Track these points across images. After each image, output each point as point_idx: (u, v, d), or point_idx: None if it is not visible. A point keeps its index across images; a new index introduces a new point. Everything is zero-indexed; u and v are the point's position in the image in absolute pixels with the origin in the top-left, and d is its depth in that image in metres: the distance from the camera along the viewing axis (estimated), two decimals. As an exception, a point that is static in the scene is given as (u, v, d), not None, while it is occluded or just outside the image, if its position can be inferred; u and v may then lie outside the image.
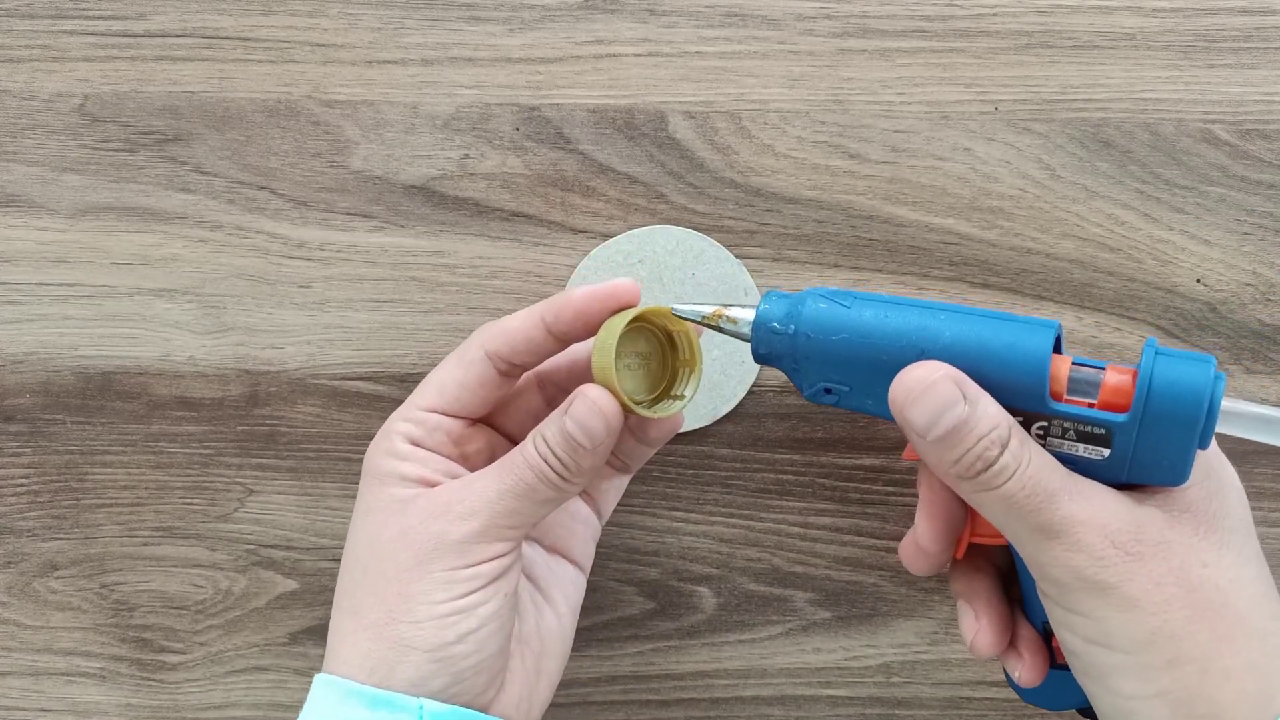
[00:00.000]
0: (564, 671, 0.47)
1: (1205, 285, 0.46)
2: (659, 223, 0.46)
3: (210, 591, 0.48)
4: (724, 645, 0.47)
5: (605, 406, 0.36)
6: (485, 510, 0.37)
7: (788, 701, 0.47)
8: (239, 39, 0.46)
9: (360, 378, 0.47)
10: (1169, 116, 0.45)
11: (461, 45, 0.46)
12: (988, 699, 0.47)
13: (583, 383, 0.37)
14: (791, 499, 0.47)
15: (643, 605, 0.47)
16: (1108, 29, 0.45)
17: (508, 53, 0.46)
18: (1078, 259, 0.46)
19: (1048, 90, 0.45)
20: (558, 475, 0.37)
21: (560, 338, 0.38)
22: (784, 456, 0.47)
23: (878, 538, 0.47)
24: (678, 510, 0.47)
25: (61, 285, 0.47)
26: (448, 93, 0.46)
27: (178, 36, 0.46)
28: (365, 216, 0.46)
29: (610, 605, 0.47)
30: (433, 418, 0.39)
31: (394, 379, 0.47)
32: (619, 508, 0.47)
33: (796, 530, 0.47)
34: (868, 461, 0.46)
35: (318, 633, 0.47)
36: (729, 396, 0.46)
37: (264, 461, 0.47)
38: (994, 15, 0.45)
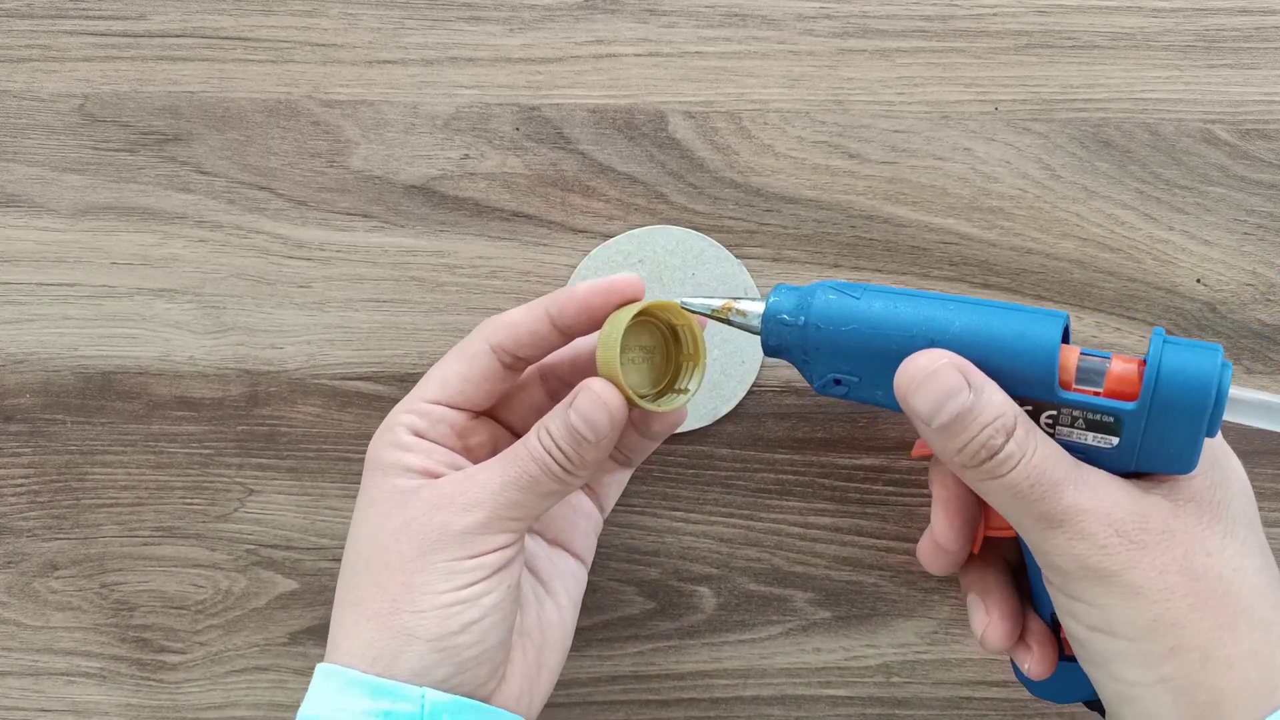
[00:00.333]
0: (564, 671, 0.47)
1: (1205, 285, 0.46)
2: (659, 223, 0.46)
3: (210, 591, 0.48)
4: (724, 645, 0.47)
5: (610, 400, 0.37)
6: (489, 502, 0.37)
7: (788, 701, 0.47)
8: (239, 39, 0.46)
9: (360, 378, 0.47)
10: (1169, 116, 0.45)
11: (461, 45, 0.46)
12: (988, 699, 0.47)
13: (586, 376, 0.37)
14: (791, 499, 0.47)
15: (643, 605, 0.47)
16: (1108, 29, 0.45)
17: (508, 53, 0.46)
18: (1078, 259, 0.46)
19: (1048, 90, 0.45)
20: (561, 468, 0.37)
21: (564, 331, 0.38)
22: (784, 456, 0.47)
23: (878, 538, 0.47)
24: (678, 510, 0.47)
25: (61, 285, 0.47)
26: (448, 93, 0.46)
27: (178, 36, 0.46)
28: (365, 216, 0.46)
29: (610, 605, 0.47)
30: (436, 410, 0.39)
31: (394, 379, 0.47)
32: (619, 507, 0.47)
33: (796, 530, 0.47)
34: (868, 461, 0.46)
35: (318, 633, 0.47)
36: (729, 396, 0.46)
37: (264, 461, 0.47)
38: (994, 15, 0.45)
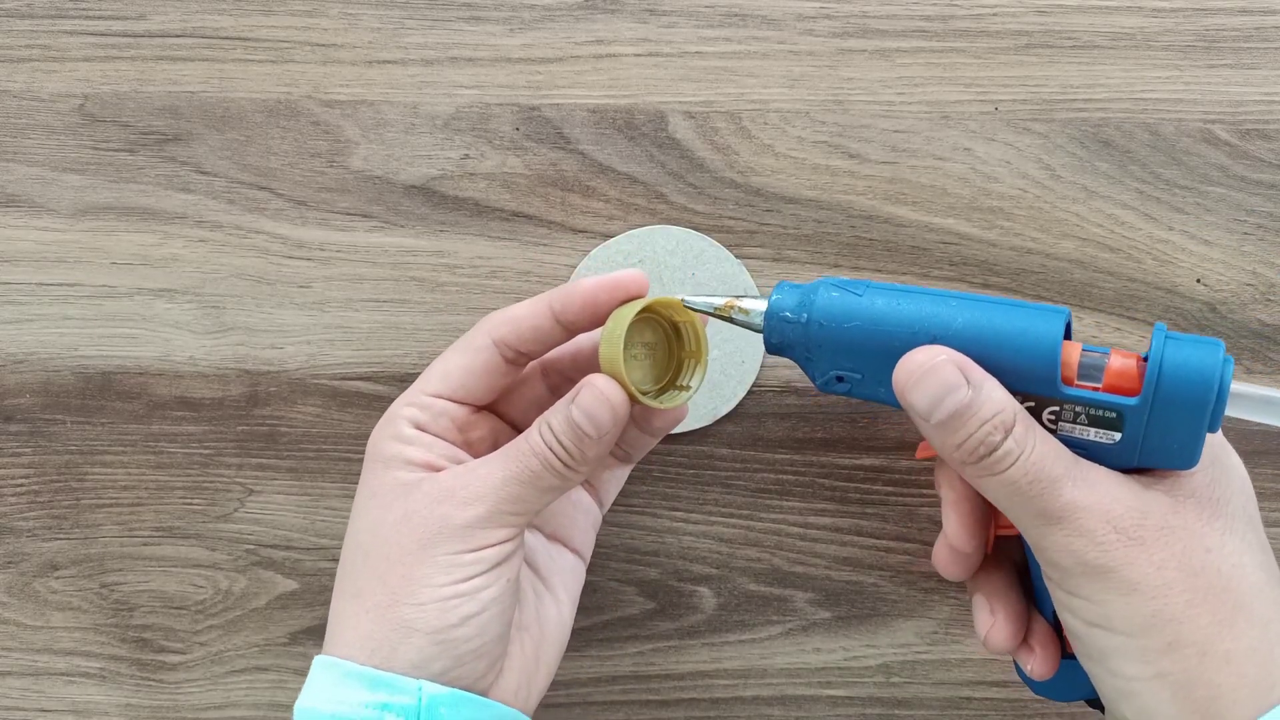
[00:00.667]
0: (564, 671, 0.47)
1: (1205, 285, 0.46)
2: (659, 223, 0.46)
3: (210, 591, 0.48)
4: (724, 645, 0.47)
5: (612, 396, 0.37)
6: (490, 496, 0.37)
7: (788, 701, 0.47)
8: (239, 39, 0.46)
9: (360, 378, 0.47)
10: (1169, 116, 0.45)
11: (461, 45, 0.46)
12: (988, 699, 0.47)
13: (587, 372, 0.37)
14: (791, 499, 0.47)
15: (643, 605, 0.47)
16: (1108, 29, 0.45)
17: (508, 53, 0.46)
18: (1078, 259, 0.46)
19: (1048, 90, 0.45)
20: (562, 463, 0.37)
21: (567, 327, 0.38)
22: (784, 456, 0.47)
23: (878, 538, 0.47)
24: (678, 510, 0.47)
25: (61, 285, 0.47)
26: (448, 93, 0.46)
27: (178, 36, 0.46)
28: (365, 216, 0.46)
29: (610, 605, 0.47)
30: (438, 403, 0.39)
31: (394, 379, 0.47)
32: (619, 507, 0.47)
33: (796, 530, 0.47)
34: (868, 461, 0.46)
35: (318, 633, 0.47)
36: (729, 396, 0.46)
37: (264, 461, 0.47)
38: (994, 15, 0.45)
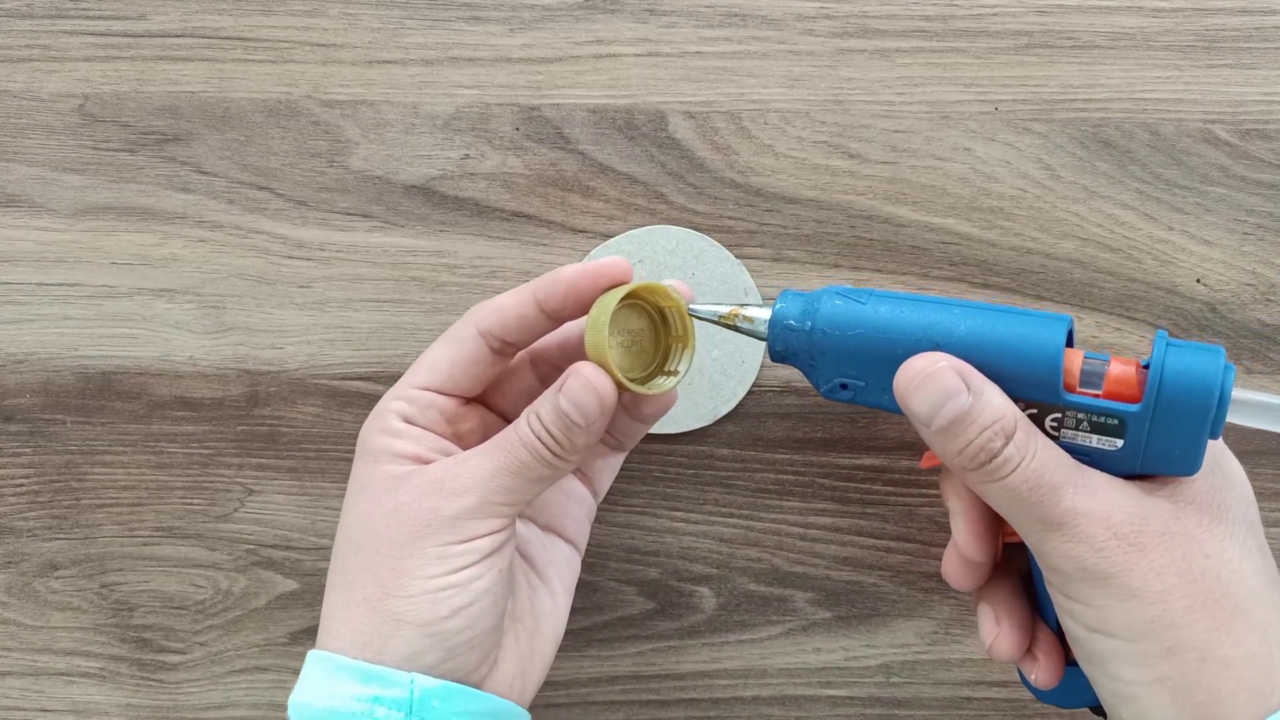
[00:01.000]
0: (564, 671, 0.47)
1: (1205, 285, 0.46)
2: (659, 223, 0.46)
3: (210, 591, 0.48)
4: (724, 645, 0.47)
5: (599, 383, 0.36)
6: (479, 487, 0.37)
7: (788, 701, 0.47)
8: (239, 39, 0.46)
9: (360, 378, 0.47)
10: (1169, 116, 0.45)
11: (461, 45, 0.46)
12: (988, 699, 0.47)
13: (575, 361, 0.37)
14: (791, 499, 0.47)
15: (643, 605, 0.47)
16: (1108, 29, 0.45)
17: (508, 53, 0.46)
18: (1078, 259, 0.46)
19: (1048, 90, 0.45)
20: (552, 453, 0.37)
21: (552, 315, 0.38)
22: (784, 456, 0.47)
23: (878, 538, 0.47)
24: (678, 510, 0.47)
25: (61, 285, 0.47)
26: (448, 93, 0.46)
27: (178, 36, 0.46)
28: (365, 216, 0.46)
29: (610, 605, 0.47)
30: (426, 395, 0.39)
31: (394, 379, 0.46)
32: (619, 507, 0.47)
33: (796, 530, 0.47)
34: (868, 461, 0.46)
35: (317, 633, 0.47)
36: (729, 396, 0.46)
37: (264, 461, 0.47)
38: (994, 15, 0.45)
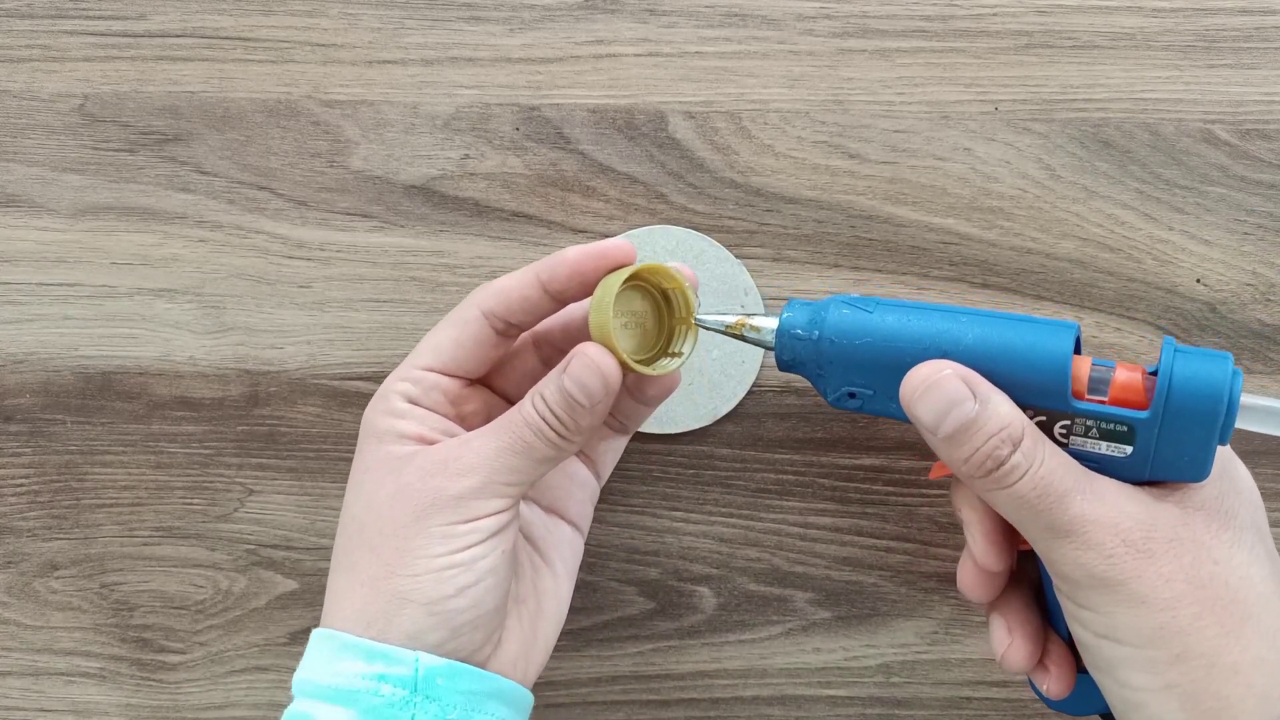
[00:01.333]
0: (564, 671, 0.47)
1: (1205, 285, 0.46)
2: (659, 223, 0.46)
3: (210, 591, 0.48)
4: (724, 645, 0.47)
5: (603, 363, 0.36)
6: (483, 467, 0.37)
7: (788, 701, 0.47)
8: (239, 39, 0.46)
9: (360, 378, 0.47)
10: (1169, 116, 0.45)
11: (461, 45, 0.46)
12: (988, 699, 0.47)
13: (578, 343, 0.37)
14: (791, 499, 0.47)
15: (643, 605, 0.47)
16: (1108, 29, 0.45)
17: (508, 53, 0.46)
18: (1078, 259, 0.46)
19: (1048, 90, 0.45)
20: (556, 434, 0.37)
21: (556, 296, 0.38)
22: (784, 456, 0.47)
23: (878, 538, 0.47)
24: (678, 510, 0.47)
25: (61, 285, 0.47)
26: (448, 93, 0.46)
27: (178, 36, 0.46)
28: (365, 216, 0.46)
29: (610, 605, 0.47)
30: (430, 377, 0.39)
31: (394, 379, 0.47)
32: (619, 507, 0.47)
33: (796, 530, 0.47)
34: (868, 461, 0.46)
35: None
36: (729, 396, 0.46)
37: (264, 461, 0.47)
38: (994, 15, 0.45)
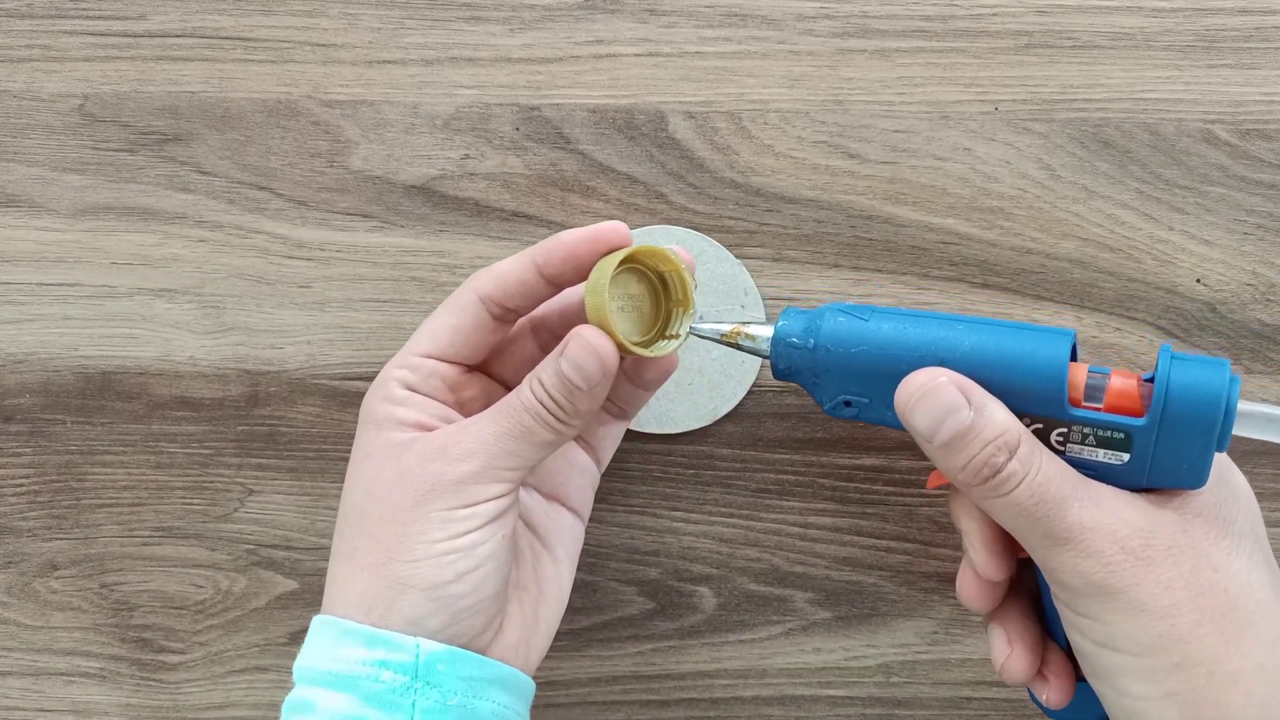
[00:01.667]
0: (564, 671, 0.47)
1: (1205, 285, 0.46)
2: (659, 223, 0.46)
3: (210, 591, 0.48)
4: (724, 645, 0.47)
5: (600, 345, 0.36)
6: (482, 452, 0.37)
7: (788, 701, 0.47)
8: (239, 39, 0.46)
9: (360, 378, 0.47)
10: (1169, 116, 0.45)
11: (461, 45, 0.46)
12: (988, 699, 0.47)
13: (576, 327, 0.37)
14: (791, 499, 0.47)
15: (643, 605, 0.47)
16: (1108, 29, 0.45)
17: (508, 53, 0.46)
18: (1078, 259, 0.46)
19: (1048, 90, 0.45)
20: (554, 417, 0.37)
21: (552, 280, 0.38)
22: (784, 456, 0.47)
23: (878, 538, 0.47)
24: (678, 510, 0.47)
25: (61, 285, 0.47)
26: (448, 93, 0.46)
27: (178, 36, 0.46)
28: (365, 216, 0.46)
29: (610, 605, 0.47)
30: (428, 363, 0.39)
31: (394, 379, 0.47)
32: (619, 507, 0.47)
33: (796, 530, 0.47)
34: (868, 461, 0.46)
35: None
36: (729, 396, 0.46)
37: (264, 461, 0.47)
38: (994, 15, 0.45)
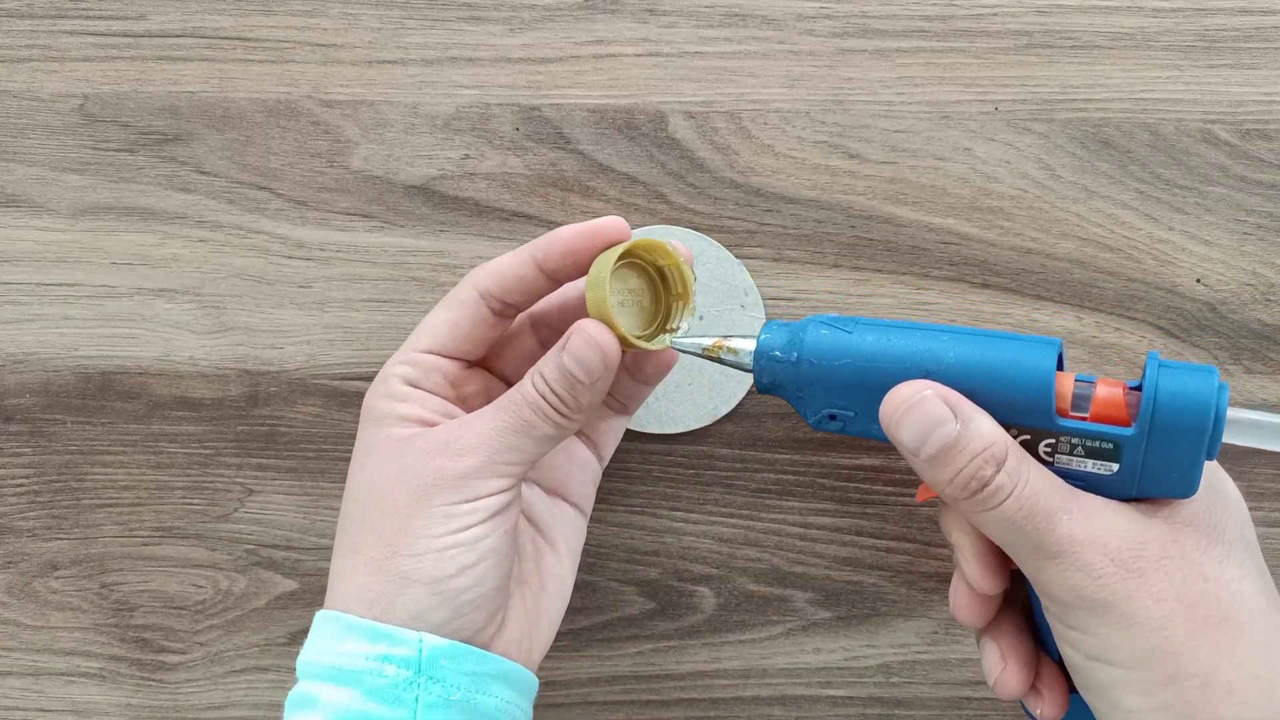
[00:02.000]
0: (564, 671, 0.47)
1: (1205, 285, 0.46)
2: (659, 223, 0.46)
3: (210, 591, 0.48)
4: (724, 645, 0.47)
5: (602, 339, 0.36)
6: (484, 447, 0.37)
7: (788, 701, 0.47)
8: (239, 39, 0.46)
9: (360, 378, 0.47)
10: (1169, 116, 0.45)
11: (461, 45, 0.46)
12: (988, 699, 0.47)
13: (576, 322, 0.37)
14: (791, 499, 0.47)
15: (643, 605, 0.47)
16: (1108, 29, 0.45)
17: (508, 53, 0.46)
18: (1078, 259, 0.46)
19: (1048, 90, 0.45)
20: (556, 411, 0.37)
21: (551, 275, 0.38)
22: (784, 456, 0.47)
23: (878, 538, 0.47)
24: (678, 510, 0.47)
25: (61, 285, 0.47)
26: (448, 93, 0.46)
27: (178, 36, 0.46)
28: (365, 216, 0.46)
29: (610, 605, 0.47)
30: (428, 359, 0.39)
31: (394, 379, 0.46)
32: (619, 507, 0.47)
33: (796, 530, 0.47)
34: (868, 461, 0.46)
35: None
36: (729, 396, 0.46)
37: (264, 461, 0.47)
38: (994, 15, 0.45)
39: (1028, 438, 0.35)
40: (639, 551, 0.47)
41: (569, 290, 0.41)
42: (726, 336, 0.38)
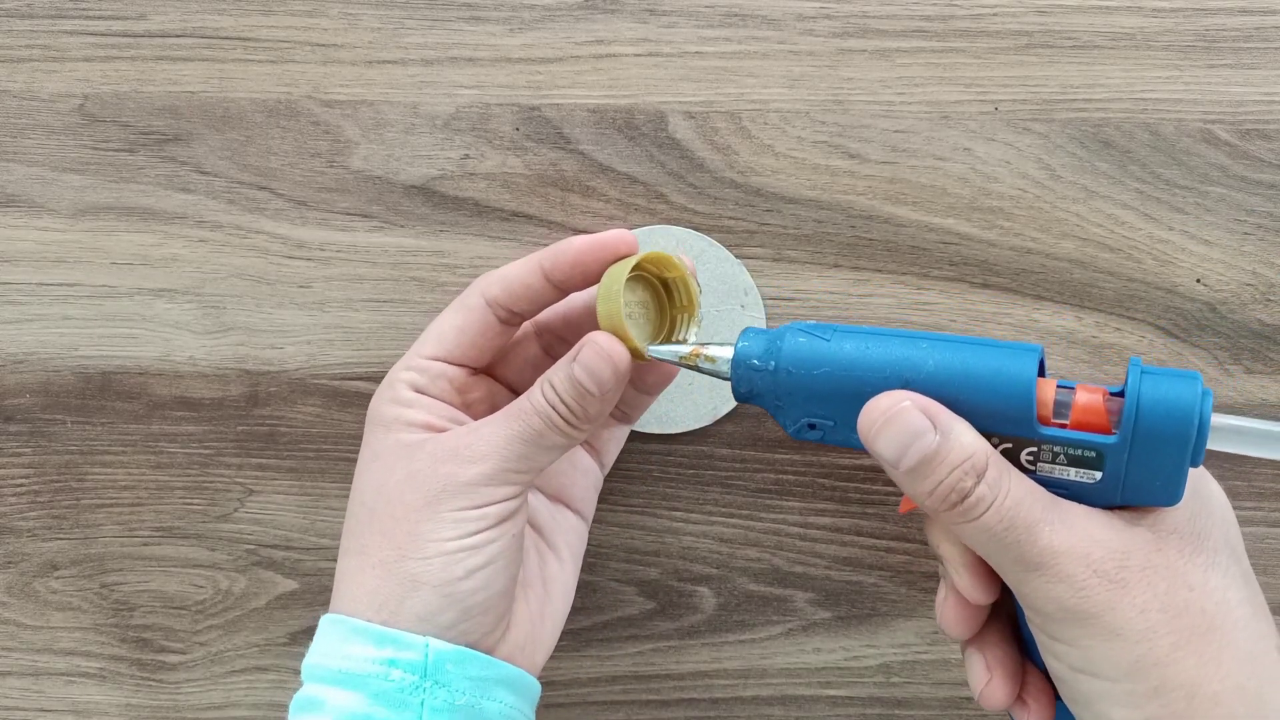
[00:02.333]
0: (564, 671, 0.47)
1: (1205, 285, 0.46)
2: (659, 223, 0.46)
3: (210, 591, 0.48)
4: (724, 645, 0.47)
5: (614, 353, 0.37)
6: (494, 455, 0.37)
7: (788, 701, 0.47)
8: (239, 39, 0.46)
9: (360, 378, 0.47)
10: (1169, 116, 0.45)
11: (461, 45, 0.46)
12: (988, 699, 0.47)
13: (579, 332, 0.38)
14: (791, 499, 0.47)
15: (643, 605, 0.47)
16: (1108, 29, 0.45)
17: (508, 53, 0.46)
18: (1078, 259, 0.46)
19: (1048, 90, 0.45)
20: (565, 421, 0.37)
21: (558, 286, 0.39)
22: (784, 456, 0.47)
23: (878, 538, 0.47)
24: (678, 510, 0.47)
25: (61, 285, 0.47)
26: (448, 93, 0.46)
27: (178, 36, 0.46)
28: (365, 216, 0.46)
29: (610, 605, 0.47)
30: (435, 365, 0.39)
31: (394, 379, 0.47)
32: (619, 507, 0.47)
33: (796, 530, 0.47)
34: (868, 461, 0.46)
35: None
36: (729, 396, 0.46)
37: (264, 461, 0.47)
38: (994, 15, 0.45)
39: (1009, 446, 0.34)
40: (639, 551, 0.47)
41: (574, 299, 0.41)
42: (704, 344, 0.38)
